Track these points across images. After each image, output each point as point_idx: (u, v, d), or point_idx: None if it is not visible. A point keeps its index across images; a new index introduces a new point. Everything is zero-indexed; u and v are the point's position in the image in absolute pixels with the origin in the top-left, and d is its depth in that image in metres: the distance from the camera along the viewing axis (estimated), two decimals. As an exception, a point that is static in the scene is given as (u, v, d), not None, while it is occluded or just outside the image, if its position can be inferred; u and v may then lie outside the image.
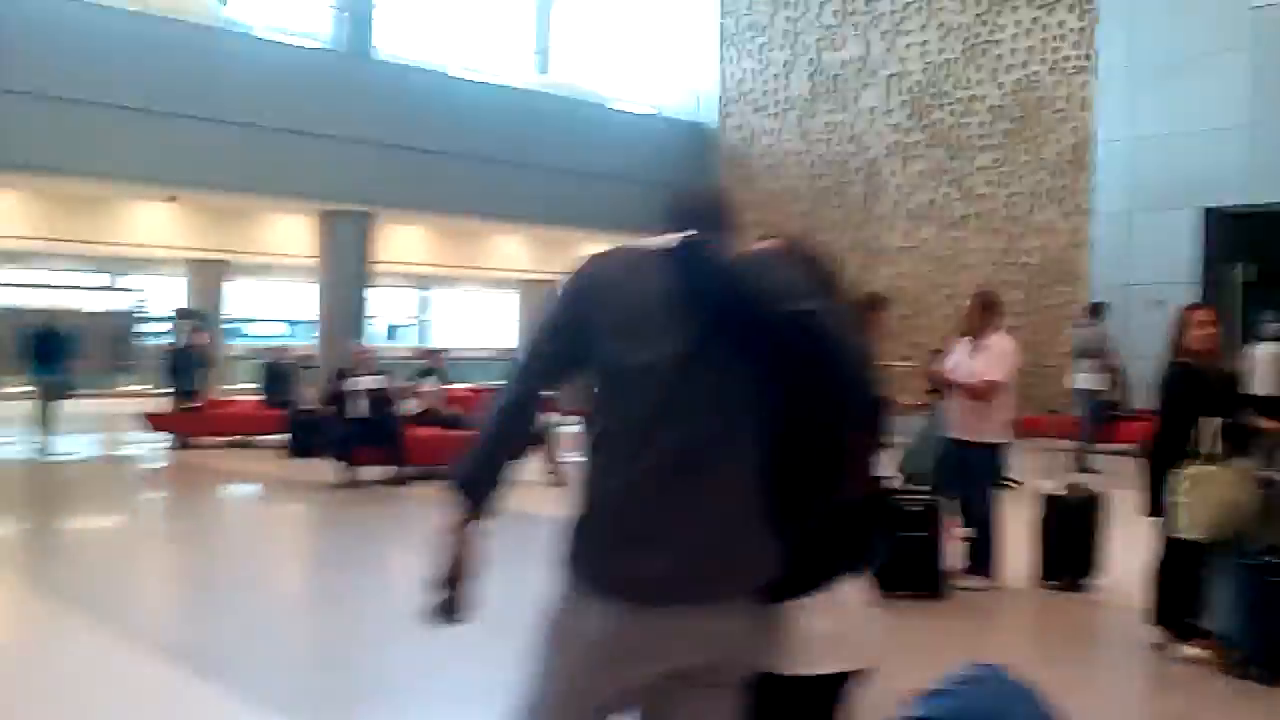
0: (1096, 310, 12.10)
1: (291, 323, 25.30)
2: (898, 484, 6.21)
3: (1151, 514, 4.96)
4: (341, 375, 10.77)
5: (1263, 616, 4.62)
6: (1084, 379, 11.60)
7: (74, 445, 12.91)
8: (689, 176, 19.50)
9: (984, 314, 6.25)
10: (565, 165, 17.90)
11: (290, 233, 19.53)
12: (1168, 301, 9.67)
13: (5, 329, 14.39)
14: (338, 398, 10.56)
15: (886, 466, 5.55)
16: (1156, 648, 5.08)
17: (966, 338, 6.29)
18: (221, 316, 20.75)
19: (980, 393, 5.98)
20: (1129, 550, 5.65)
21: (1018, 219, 16.26)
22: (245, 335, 25.10)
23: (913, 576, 5.69)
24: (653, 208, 2.20)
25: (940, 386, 6.38)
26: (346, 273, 16.63)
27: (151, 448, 13.04)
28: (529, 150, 17.52)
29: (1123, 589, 5.76)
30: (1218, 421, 4.81)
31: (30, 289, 20.20)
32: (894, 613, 5.34)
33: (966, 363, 6.14)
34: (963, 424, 6.10)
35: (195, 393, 13.56)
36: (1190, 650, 4.93)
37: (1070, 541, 6.12)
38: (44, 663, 4.90)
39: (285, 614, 6.13)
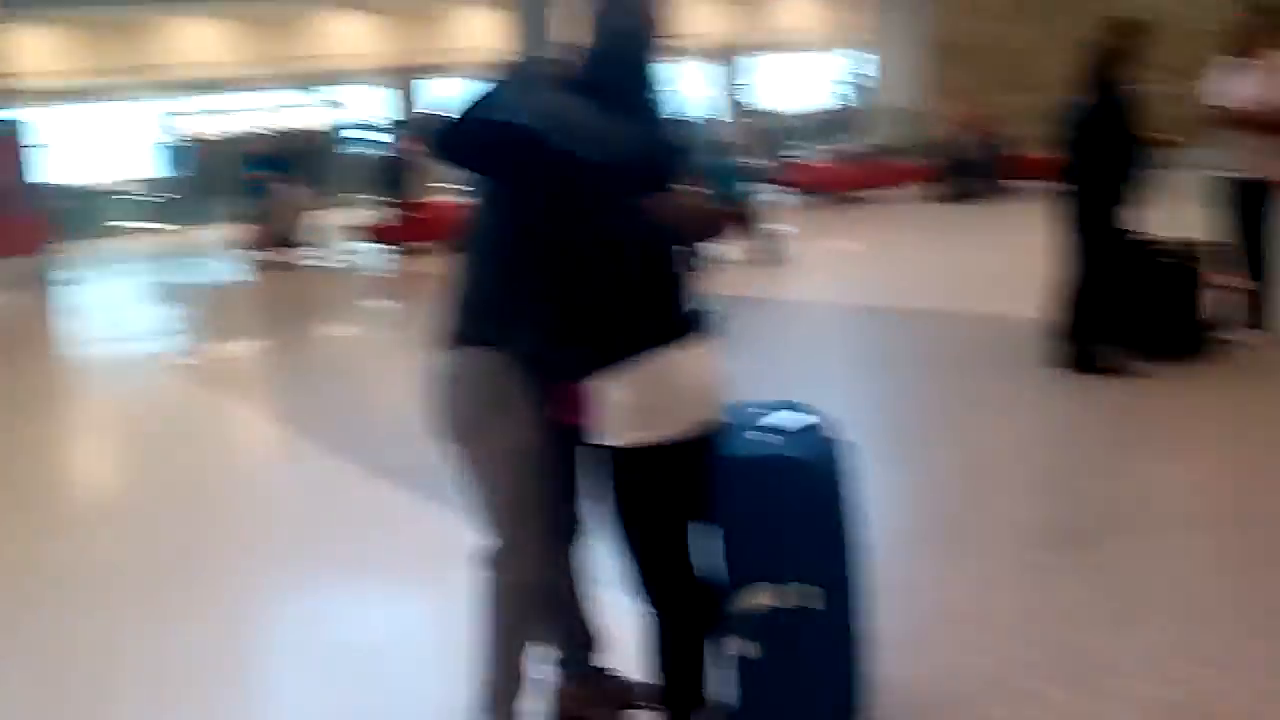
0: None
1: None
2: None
3: None
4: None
5: None
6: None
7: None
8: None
9: (1262, 26, 5.33)
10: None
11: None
12: None
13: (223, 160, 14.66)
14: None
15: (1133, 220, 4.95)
16: None
17: (1237, 58, 5.36)
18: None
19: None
20: None
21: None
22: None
23: (1168, 338, 5.18)
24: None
25: (1219, 119, 5.49)
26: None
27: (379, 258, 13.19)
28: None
29: None
30: None
31: (236, 114, 20.57)
32: (1152, 379, 4.96)
33: (1244, 88, 5.28)
34: (1259, 161, 5.28)
35: (405, 201, 13.26)
36: None
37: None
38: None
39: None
